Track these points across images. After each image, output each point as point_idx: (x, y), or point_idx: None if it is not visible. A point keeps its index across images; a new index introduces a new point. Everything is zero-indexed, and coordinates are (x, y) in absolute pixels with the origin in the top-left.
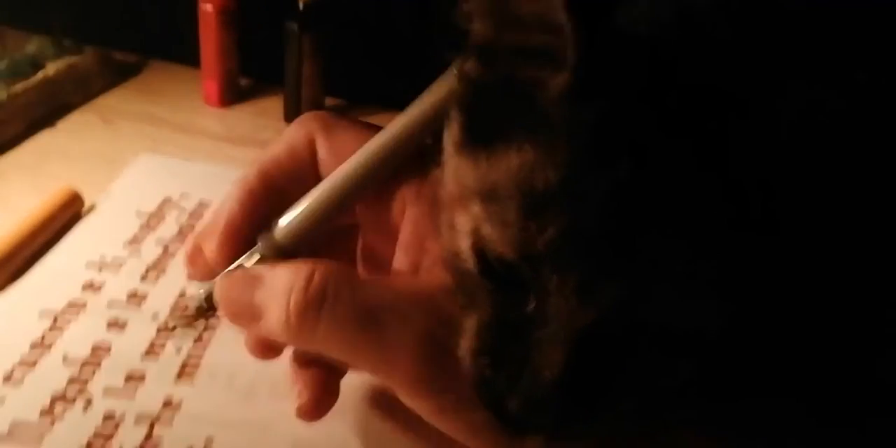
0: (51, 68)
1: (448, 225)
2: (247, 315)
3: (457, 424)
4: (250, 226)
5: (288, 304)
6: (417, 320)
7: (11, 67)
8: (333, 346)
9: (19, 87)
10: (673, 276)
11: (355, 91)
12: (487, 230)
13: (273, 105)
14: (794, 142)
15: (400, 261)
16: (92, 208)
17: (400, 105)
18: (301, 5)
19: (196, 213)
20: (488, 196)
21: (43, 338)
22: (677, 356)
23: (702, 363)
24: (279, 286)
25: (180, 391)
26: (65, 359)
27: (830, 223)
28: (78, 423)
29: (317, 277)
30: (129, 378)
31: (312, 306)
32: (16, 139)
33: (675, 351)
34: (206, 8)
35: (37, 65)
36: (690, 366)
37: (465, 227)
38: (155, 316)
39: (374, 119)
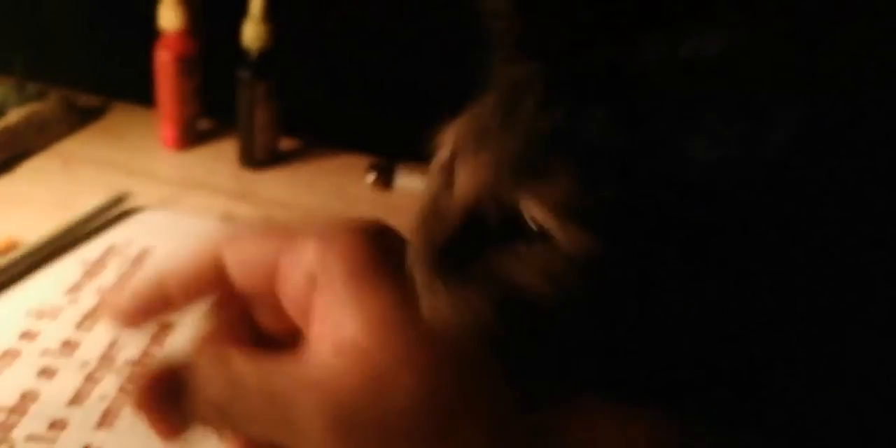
0: (13, 116)
1: None
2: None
3: None
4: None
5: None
6: (318, 403)
7: None
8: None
9: None
10: None
11: (312, 131)
12: None
13: (230, 148)
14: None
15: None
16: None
17: (357, 145)
18: (252, 54)
19: (137, 260)
20: None
21: None
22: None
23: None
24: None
25: (100, 438)
26: None
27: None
28: None
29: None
30: (53, 425)
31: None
32: None
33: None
34: (164, 56)
35: None
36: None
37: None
38: (84, 364)
39: (329, 159)
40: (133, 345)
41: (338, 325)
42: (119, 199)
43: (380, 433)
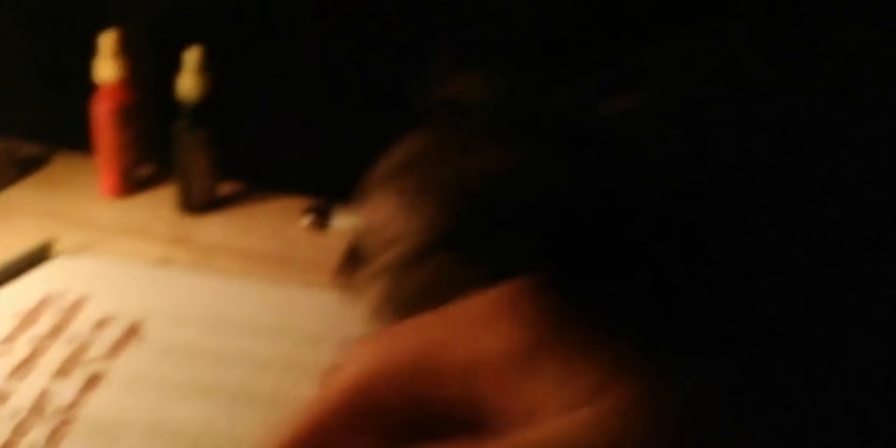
0: None
1: None
2: None
3: None
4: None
5: None
6: None
7: None
8: None
9: None
10: None
11: (252, 175)
12: None
13: (170, 195)
14: None
15: None
16: None
17: (297, 187)
18: (188, 105)
19: (72, 309)
20: None
21: None
22: None
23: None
24: None
25: None
26: None
27: None
28: None
29: None
30: None
31: None
32: None
33: None
34: (101, 108)
35: None
36: None
37: None
38: (14, 414)
39: (267, 202)
40: (63, 394)
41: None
42: (45, 247)
43: None
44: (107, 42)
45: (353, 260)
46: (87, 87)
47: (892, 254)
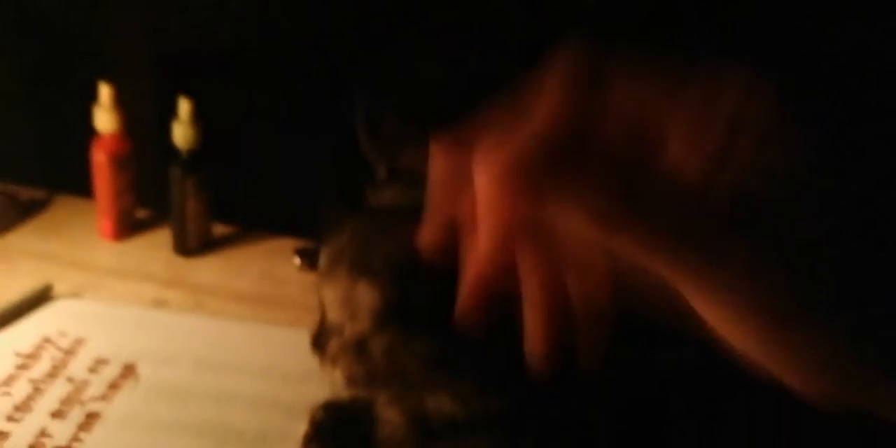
0: None
1: None
2: None
3: None
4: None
5: None
6: None
7: None
8: None
9: None
10: None
11: (242, 219)
12: None
13: (165, 237)
14: None
15: None
16: None
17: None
18: (182, 153)
19: (71, 351)
20: None
21: None
22: None
23: None
24: None
25: None
26: None
27: None
28: None
29: None
30: None
31: None
32: None
33: None
34: (99, 157)
35: None
36: None
37: None
38: None
39: (259, 244)
40: (62, 433)
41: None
42: (45, 290)
43: None
44: (104, 94)
45: (321, 338)
46: (86, 133)
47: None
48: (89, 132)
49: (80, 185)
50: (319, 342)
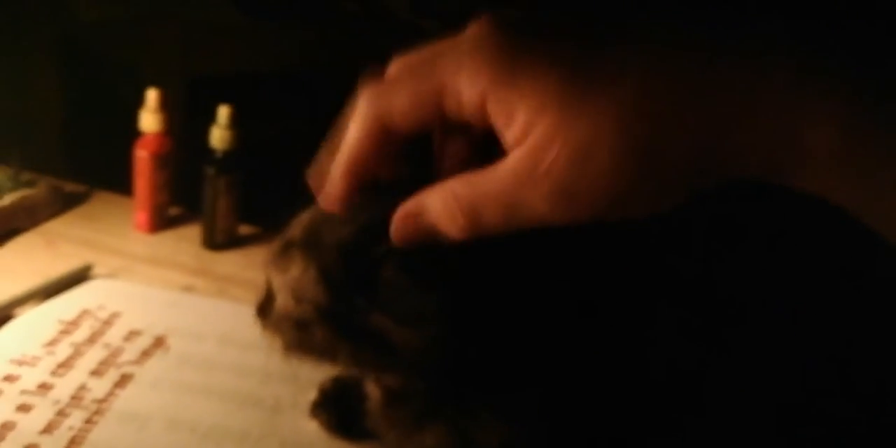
0: (7, 199)
1: None
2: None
3: None
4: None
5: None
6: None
7: None
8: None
9: None
10: None
11: (267, 221)
12: None
13: (194, 232)
14: None
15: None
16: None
17: None
18: (218, 153)
19: (108, 322)
20: None
21: None
22: None
23: None
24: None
25: None
26: None
27: None
28: None
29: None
30: None
31: (471, 218)
32: None
33: None
34: (141, 154)
35: None
36: None
37: None
38: (56, 402)
39: None
40: (99, 389)
41: (518, 119)
42: (86, 268)
43: (591, 199)
44: (151, 97)
45: (265, 306)
46: (122, 136)
47: None
48: (125, 135)
49: (116, 183)
50: (264, 310)
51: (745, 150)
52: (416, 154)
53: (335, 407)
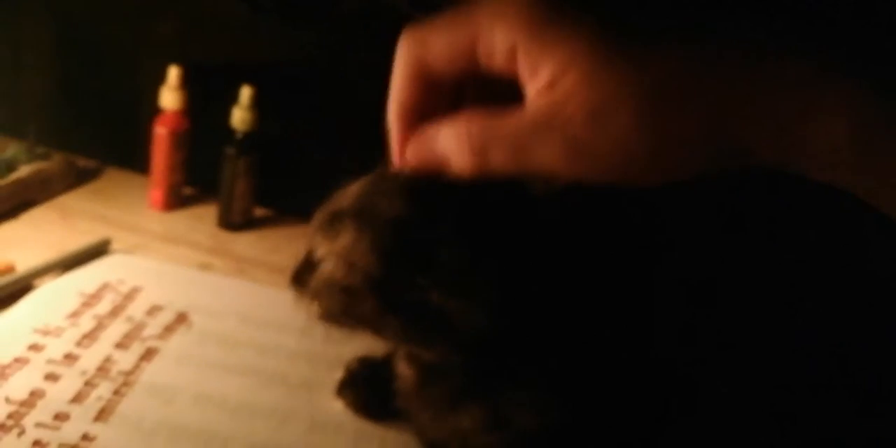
0: (23, 171)
1: None
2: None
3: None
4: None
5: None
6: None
7: None
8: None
9: None
10: None
11: (281, 204)
12: None
13: (209, 212)
14: None
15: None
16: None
17: None
18: (238, 134)
19: (129, 296)
20: None
21: None
22: None
23: None
24: (448, 144)
25: (96, 428)
26: (7, 399)
27: None
28: (12, 445)
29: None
30: (57, 416)
31: (479, 156)
32: None
33: None
34: (160, 131)
35: (11, 167)
36: None
37: None
38: (83, 373)
39: (295, 227)
40: (125, 361)
41: (543, 72)
42: (104, 242)
43: (606, 157)
44: (172, 75)
45: (303, 273)
46: (137, 113)
47: None
48: (140, 112)
49: (127, 160)
50: (301, 277)
51: (759, 135)
52: None
53: (362, 387)
